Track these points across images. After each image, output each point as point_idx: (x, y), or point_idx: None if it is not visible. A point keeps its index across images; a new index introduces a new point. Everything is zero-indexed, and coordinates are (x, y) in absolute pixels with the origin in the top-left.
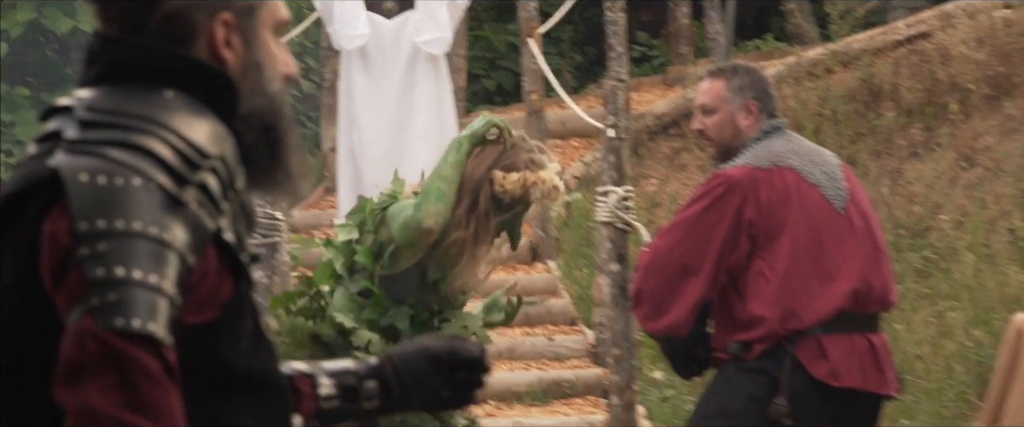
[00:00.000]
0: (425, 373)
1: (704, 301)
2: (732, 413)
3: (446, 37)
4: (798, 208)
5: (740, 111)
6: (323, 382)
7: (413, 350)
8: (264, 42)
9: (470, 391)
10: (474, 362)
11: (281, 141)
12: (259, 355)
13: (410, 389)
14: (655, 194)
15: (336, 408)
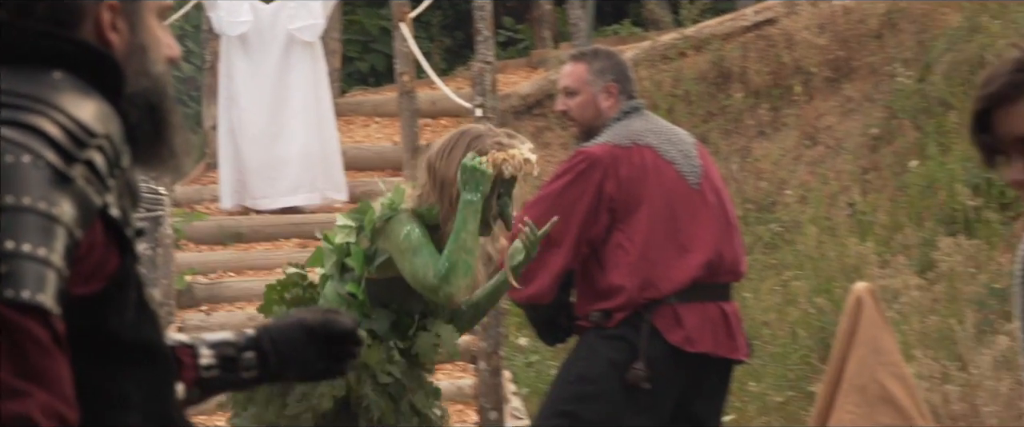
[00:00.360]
0: (300, 344)
1: (567, 271)
2: (593, 378)
3: (318, 24)
4: (655, 184)
5: (601, 93)
6: (204, 352)
7: (289, 323)
8: (148, 26)
9: (343, 362)
10: (347, 334)
11: (165, 120)
12: (143, 326)
13: (286, 359)
14: None
15: (216, 377)
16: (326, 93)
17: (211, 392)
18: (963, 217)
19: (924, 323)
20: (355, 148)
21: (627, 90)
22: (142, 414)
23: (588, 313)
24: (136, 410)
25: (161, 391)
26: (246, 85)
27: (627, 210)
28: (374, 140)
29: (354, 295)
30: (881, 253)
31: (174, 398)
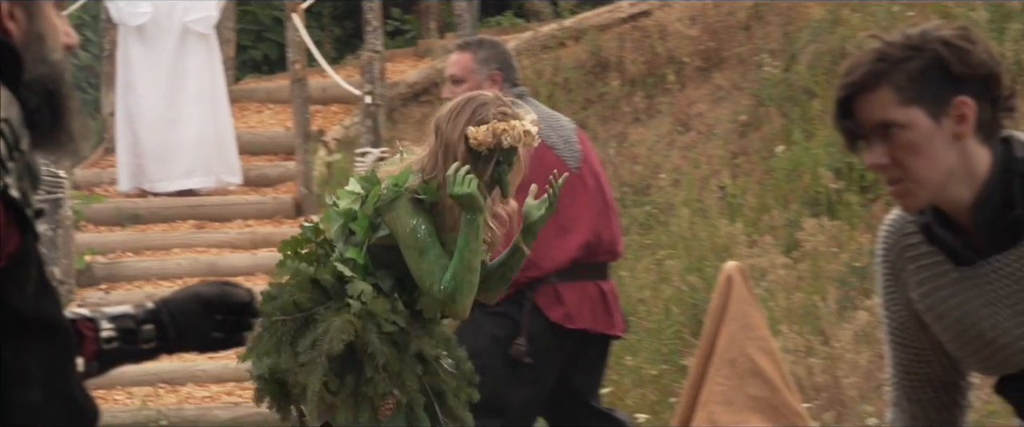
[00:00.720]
0: (197, 317)
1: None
2: (478, 352)
3: (212, 16)
4: (538, 168)
5: (486, 81)
6: (104, 326)
7: (186, 296)
8: (46, 15)
9: (239, 333)
10: (243, 306)
11: (63, 106)
12: (44, 302)
13: (184, 331)
14: None
15: (116, 349)
16: (221, 81)
17: (111, 365)
18: (826, 199)
19: (789, 300)
20: (249, 133)
21: (510, 78)
22: (43, 389)
23: None
24: (37, 385)
25: (62, 366)
26: (143, 73)
27: None
28: (267, 125)
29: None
30: (749, 233)
31: (74, 372)
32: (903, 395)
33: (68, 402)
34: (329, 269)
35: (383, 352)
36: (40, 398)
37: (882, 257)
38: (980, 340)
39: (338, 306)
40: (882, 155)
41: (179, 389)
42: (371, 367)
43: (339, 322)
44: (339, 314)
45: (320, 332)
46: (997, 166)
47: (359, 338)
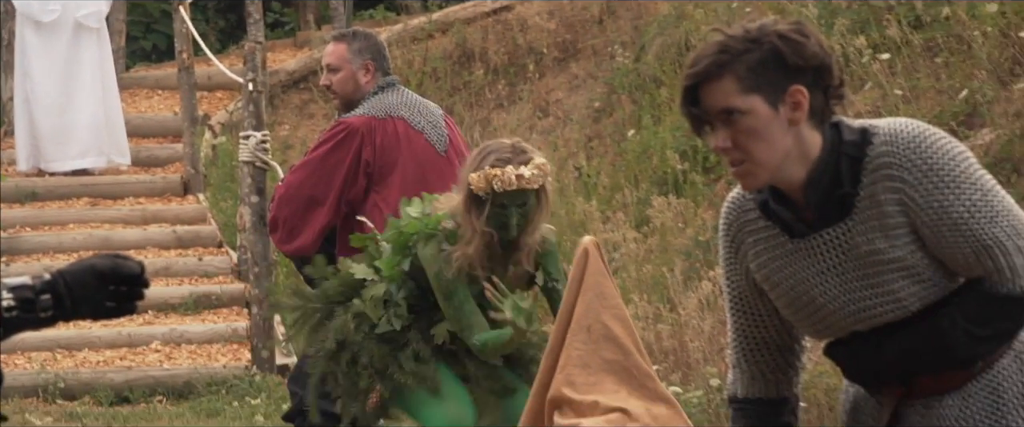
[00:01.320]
0: (91, 287)
1: (329, 227)
2: None
3: (102, 10)
4: (407, 151)
5: (360, 70)
6: (4, 295)
7: (81, 267)
8: None
9: (131, 302)
10: (134, 278)
11: None
12: None
13: (79, 301)
14: (288, 138)
15: (16, 317)
16: (111, 68)
17: (12, 331)
18: (673, 179)
19: (640, 271)
20: (139, 118)
21: (383, 67)
22: None
23: None
24: None
25: None
26: (39, 61)
27: (382, 174)
28: (157, 110)
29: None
30: (603, 210)
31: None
32: (742, 357)
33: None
34: (357, 269)
35: (369, 350)
36: None
37: (723, 231)
38: (812, 306)
39: (349, 306)
40: (725, 139)
41: (75, 354)
42: (359, 363)
43: (338, 321)
44: (345, 312)
45: (328, 329)
46: (827, 149)
47: (349, 338)
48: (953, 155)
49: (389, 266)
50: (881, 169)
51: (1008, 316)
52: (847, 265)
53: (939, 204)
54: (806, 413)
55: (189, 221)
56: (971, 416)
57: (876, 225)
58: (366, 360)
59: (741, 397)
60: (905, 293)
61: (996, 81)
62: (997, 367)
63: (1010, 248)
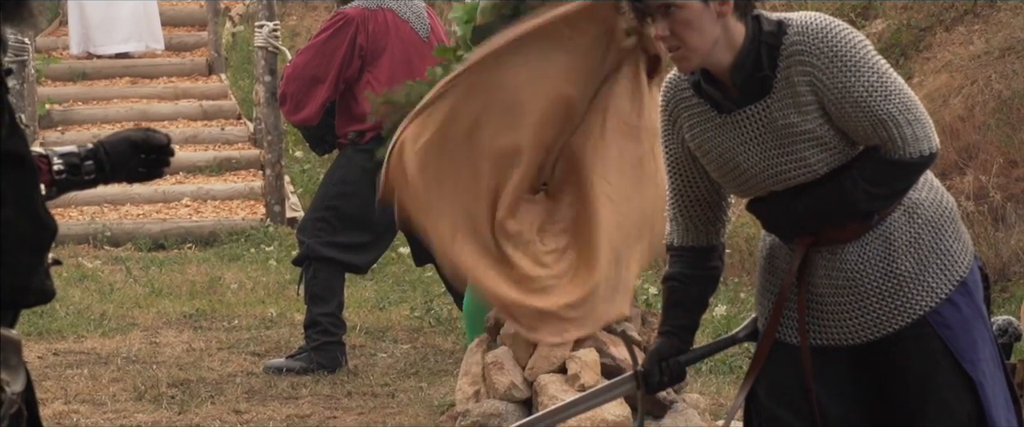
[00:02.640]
0: (126, 155)
1: (329, 101)
2: (351, 180)
3: None
4: (395, 37)
5: None
6: (56, 161)
7: (118, 138)
8: None
9: (159, 168)
10: (162, 147)
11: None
12: (14, 140)
13: (116, 166)
14: (295, 27)
15: (65, 180)
16: None
17: (62, 190)
18: None
19: None
20: (172, 9)
21: None
22: (14, 207)
23: (346, 133)
24: (9, 205)
25: (29, 190)
26: None
27: (373, 57)
28: (185, 4)
29: None
30: None
31: (39, 195)
32: (678, 212)
33: (34, 218)
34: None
35: None
36: (12, 214)
37: (662, 108)
38: (736, 171)
39: None
40: (664, 29)
41: (119, 208)
42: None
43: None
44: None
45: None
46: (750, 37)
47: None
48: (854, 43)
49: None
50: (794, 56)
51: (900, 177)
52: (766, 136)
53: (842, 84)
54: (730, 258)
55: (213, 97)
56: (868, 259)
57: (790, 102)
58: None
59: (677, 245)
60: (814, 159)
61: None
62: (889, 220)
63: (901, 121)
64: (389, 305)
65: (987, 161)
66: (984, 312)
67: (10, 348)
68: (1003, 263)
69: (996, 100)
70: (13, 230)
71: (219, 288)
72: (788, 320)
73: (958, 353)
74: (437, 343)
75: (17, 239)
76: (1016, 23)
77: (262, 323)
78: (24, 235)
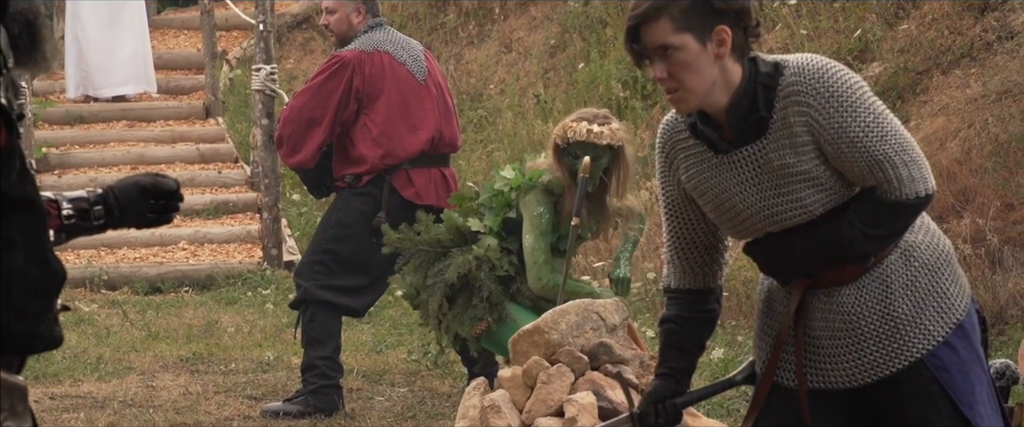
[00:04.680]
0: (136, 200)
1: (325, 144)
2: (348, 223)
3: None
4: (391, 80)
5: (353, 11)
6: (65, 206)
7: (127, 183)
8: None
9: (168, 214)
10: (171, 193)
11: (39, 33)
12: (25, 185)
13: (125, 211)
14: (292, 70)
15: (74, 225)
16: (143, 11)
17: (71, 236)
18: (617, 104)
19: None
20: (169, 53)
21: (372, 10)
22: (24, 253)
23: (343, 176)
24: (19, 250)
25: (38, 235)
26: (87, 5)
27: (370, 99)
28: (183, 47)
29: (490, 226)
30: None
31: (48, 240)
32: (676, 254)
33: (43, 263)
34: (472, 222)
35: (490, 287)
36: (21, 261)
37: (659, 149)
38: (733, 212)
39: (465, 250)
40: (661, 71)
41: (116, 251)
42: (478, 296)
43: (461, 259)
44: (463, 254)
45: (446, 264)
46: (746, 79)
47: (471, 274)
48: (850, 84)
49: (495, 223)
50: (791, 96)
51: (896, 219)
52: (762, 177)
53: (839, 125)
54: (727, 301)
55: (210, 140)
56: (865, 302)
57: (786, 143)
58: (486, 294)
59: (674, 287)
60: (811, 200)
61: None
62: (886, 262)
63: (898, 162)
64: (386, 348)
65: (984, 204)
66: (982, 355)
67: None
68: (1000, 306)
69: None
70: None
71: (216, 332)
72: (786, 363)
73: (956, 396)
74: (434, 386)
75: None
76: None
77: (259, 367)
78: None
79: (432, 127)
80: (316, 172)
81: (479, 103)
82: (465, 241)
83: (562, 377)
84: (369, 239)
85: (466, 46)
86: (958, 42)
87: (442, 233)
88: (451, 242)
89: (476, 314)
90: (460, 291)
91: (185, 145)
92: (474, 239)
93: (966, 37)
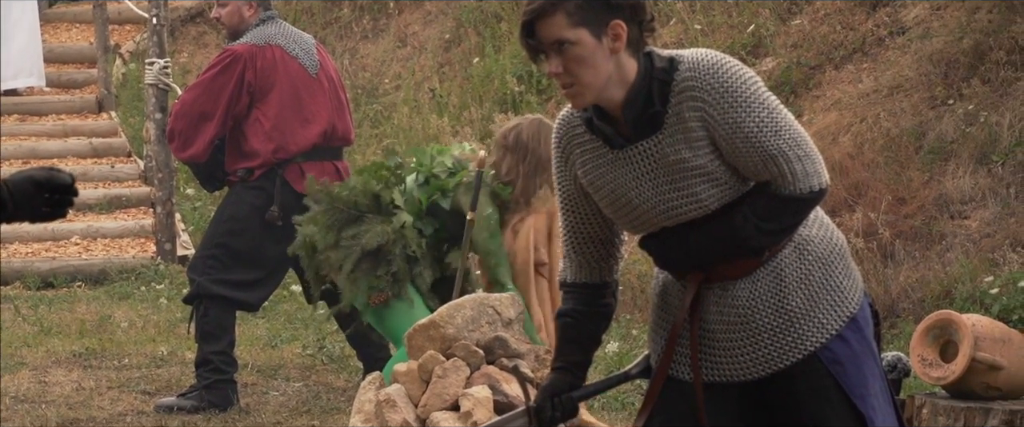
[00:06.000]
0: (30, 194)
1: (218, 138)
2: (240, 217)
3: None
4: (283, 73)
5: (244, 5)
6: None
7: (22, 177)
8: None
9: (62, 208)
10: (66, 187)
11: None
12: None
13: (19, 205)
14: (186, 64)
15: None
16: (34, 6)
17: None
18: (512, 99)
19: None
20: (61, 47)
21: (264, 4)
22: None
23: (236, 170)
24: None
25: None
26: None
27: (262, 93)
28: (75, 41)
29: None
30: (453, 125)
31: None
32: (572, 250)
33: None
34: (390, 193)
35: (399, 264)
36: None
37: (556, 144)
38: (628, 206)
39: (382, 220)
40: (557, 65)
41: (7, 246)
42: (384, 269)
43: (380, 228)
44: (382, 224)
45: (363, 229)
46: (642, 74)
47: (388, 246)
48: (744, 79)
49: (425, 200)
50: (686, 91)
51: (790, 213)
52: (658, 172)
53: (733, 120)
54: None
55: (103, 134)
56: (759, 296)
57: (681, 138)
58: (394, 269)
59: (570, 282)
60: (706, 195)
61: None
62: (780, 256)
63: (792, 156)
64: (281, 343)
65: (876, 198)
66: (874, 348)
67: None
68: (892, 299)
69: (885, 138)
70: None
71: (109, 327)
72: (681, 356)
73: (848, 389)
74: (329, 381)
75: None
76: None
77: (153, 362)
78: None
79: (324, 120)
80: (208, 166)
81: (375, 98)
82: (379, 210)
83: (458, 371)
84: (262, 233)
85: (361, 40)
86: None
87: (359, 197)
88: (368, 208)
89: (378, 285)
90: (368, 258)
91: (78, 139)
92: (388, 210)
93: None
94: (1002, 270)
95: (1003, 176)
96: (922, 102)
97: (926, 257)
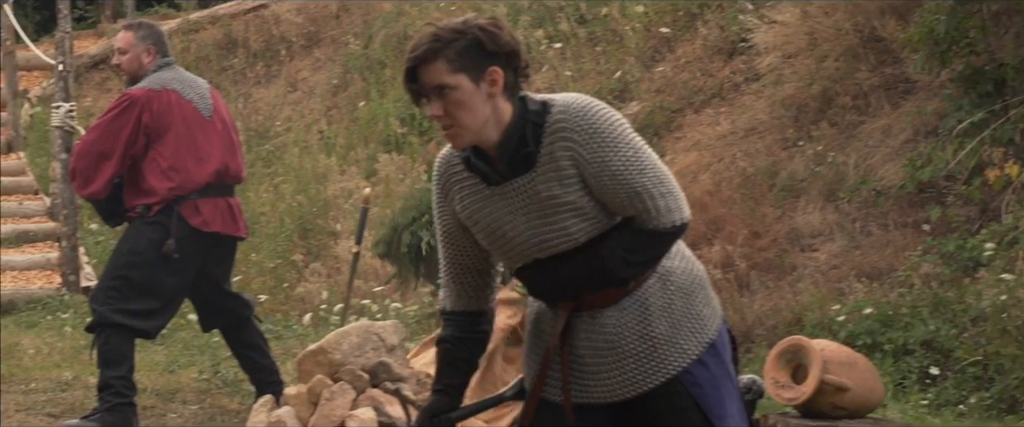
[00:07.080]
0: None
1: (117, 176)
2: (139, 251)
3: None
4: (179, 117)
5: (143, 52)
6: None
7: None
8: None
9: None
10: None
11: None
12: None
13: None
14: (90, 108)
15: None
16: None
17: None
18: (395, 140)
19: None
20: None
21: (162, 51)
22: None
23: (135, 206)
24: None
25: None
26: None
27: (159, 135)
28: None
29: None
30: (341, 165)
31: None
32: (451, 279)
33: None
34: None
35: None
36: None
37: (436, 181)
38: (503, 239)
39: None
40: (438, 108)
41: None
42: None
43: None
44: None
45: None
46: (516, 116)
47: None
48: (612, 121)
49: None
50: (557, 132)
51: (654, 246)
52: (531, 207)
53: (601, 159)
54: None
55: (12, 173)
56: (625, 323)
57: (553, 176)
58: None
59: (449, 310)
60: (575, 229)
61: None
62: (645, 286)
63: (655, 193)
64: (178, 368)
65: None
66: (731, 371)
67: None
68: (748, 326)
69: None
70: None
71: (17, 353)
72: (553, 379)
73: (708, 409)
74: (224, 404)
75: None
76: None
77: (58, 386)
78: None
79: (218, 160)
80: (109, 203)
81: (266, 139)
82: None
83: (344, 394)
84: (160, 265)
85: (254, 86)
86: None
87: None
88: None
89: None
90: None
91: None
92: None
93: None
94: (848, 299)
95: (849, 212)
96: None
97: (779, 287)
